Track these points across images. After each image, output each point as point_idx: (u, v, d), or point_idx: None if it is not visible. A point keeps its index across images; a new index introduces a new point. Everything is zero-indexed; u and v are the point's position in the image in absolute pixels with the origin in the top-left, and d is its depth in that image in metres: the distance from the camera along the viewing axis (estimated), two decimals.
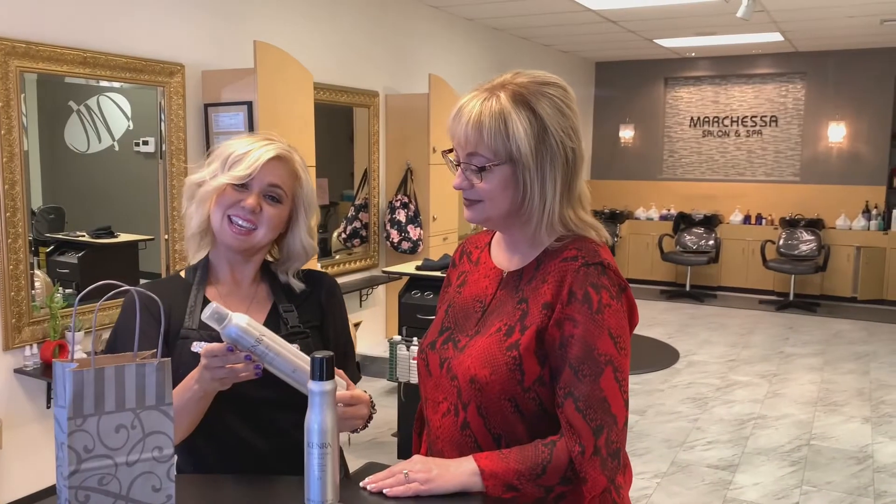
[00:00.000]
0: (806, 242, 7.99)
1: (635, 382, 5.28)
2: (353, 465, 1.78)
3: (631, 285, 6.38)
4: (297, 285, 1.50)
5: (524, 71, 1.27)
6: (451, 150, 1.30)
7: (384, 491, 1.15)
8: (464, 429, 1.26)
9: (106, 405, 1.02)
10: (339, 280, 5.04)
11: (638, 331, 6.70)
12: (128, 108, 3.79)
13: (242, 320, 1.20)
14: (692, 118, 9.09)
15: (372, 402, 1.40)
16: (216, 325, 1.19)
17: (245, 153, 1.38)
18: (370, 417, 1.39)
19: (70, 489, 0.99)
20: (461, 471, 1.18)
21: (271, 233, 1.43)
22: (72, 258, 3.72)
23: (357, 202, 5.33)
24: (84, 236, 3.81)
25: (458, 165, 1.27)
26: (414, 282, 3.93)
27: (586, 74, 9.30)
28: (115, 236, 3.92)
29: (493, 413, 1.23)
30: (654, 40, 7.61)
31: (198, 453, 1.43)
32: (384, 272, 4.68)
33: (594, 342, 1.19)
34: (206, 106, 3.93)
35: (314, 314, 1.50)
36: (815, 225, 8.01)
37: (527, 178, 1.22)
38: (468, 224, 5.98)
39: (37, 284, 3.27)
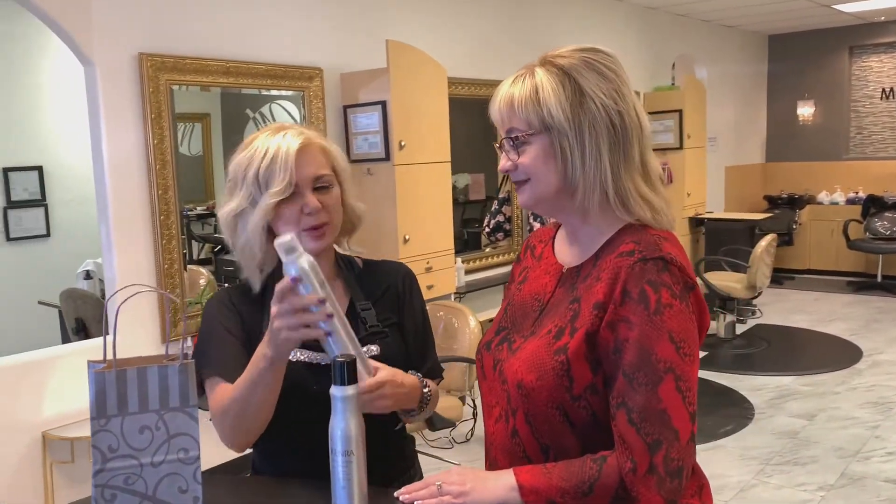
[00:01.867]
0: None
1: (805, 384, 4.82)
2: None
3: (811, 277, 5.87)
4: (359, 251, 1.48)
5: (563, 46, 1.18)
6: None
7: (416, 503, 1.09)
8: (513, 436, 1.18)
9: (129, 406, 1.04)
10: (485, 274, 5.03)
11: (813, 326, 6.14)
12: (295, 113, 3.99)
13: (306, 261, 1.12)
14: (884, 90, 8.15)
15: (423, 381, 1.35)
16: (283, 255, 1.12)
17: (270, 162, 1.31)
18: (425, 399, 1.34)
19: (97, 487, 1.03)
20: (499, 485, 1.09)
21: (339, 218, 1.40)
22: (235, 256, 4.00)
23: (500, 196, 5.28)
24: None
25: (502, 148, 1.20)
26: None
27: (758, 49, 8.62)
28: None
29: (540, 422, 1.14)
30: (834, 6, 6.89)
31: (278, 457, 1.42)
32: None
33: (652, 347, 1.06)
34: (345, 108, 4.04)
35: (392, 309, 1.46)
36: None
37: (566, 146, 1.13)
38: None
39: (185, 282, 3.53)
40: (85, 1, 3.08)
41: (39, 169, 5.22)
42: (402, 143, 3.85)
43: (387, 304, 1.46)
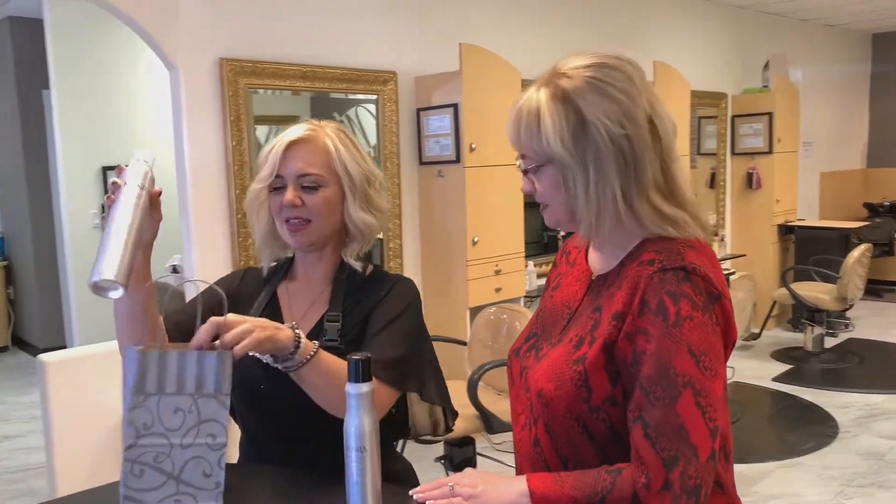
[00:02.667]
0: None
1: None
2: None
3: None
4: (356, 265, 1.42)
5: (581, 54, 1.14)
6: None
7: (428, 502, 1.10)
8: (535, 445, 1.17)
9: (167, 387, 1.09)
10: None
11: None
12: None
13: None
14: None
15: (295, 331, 1.20)
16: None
17: (268, 151, 1.37)
18: (298, 348, 1.20)
19: (127, 462, 1.09)
20: (510, 490, 1.09)
21: (326, 221, 1.37)
22: None
23: None
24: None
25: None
26: None
27: (860, 49, 8.18)
28: None
29: (558, 432, 1.13)
30: None
31: (257, 443, 1.45)
32: None
33: (670, 360, 1.03)
34: (419, 110, 4.09)
35: (360, 318, 1.39)
36: None
37: (569, 177, 1.10)
38: None
39: None
40: (172, 9, 3.24)
41: None
42: (473, 146, 3.86)
43: (358, 313, 1.39)
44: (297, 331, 1.21)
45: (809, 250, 6.22)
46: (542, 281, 4.78)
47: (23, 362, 5.96)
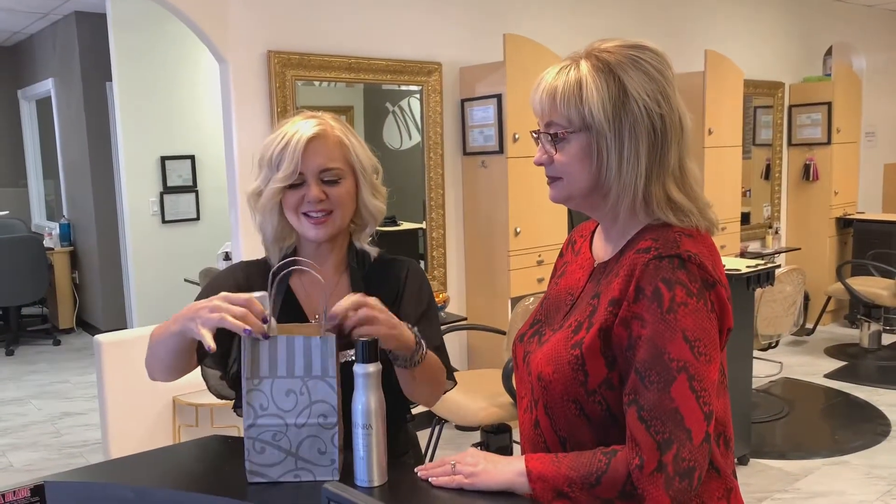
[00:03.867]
0: None
1: None
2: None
3: None
4: (372, 250, 1.49)
5: (612, 38, 1.17)
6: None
7: (430, 479, 1.15)
8: (535, 427, 1.21)
9: (279, 370, 1.17)
10: None
11: None
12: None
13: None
14: None
15: (415, 333, 1.29)
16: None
17: (283, 148, 1.36)
18: (418, 352, 1.29)
19: (249, 439, 1.17)
20: (509, 469, 1.13)
21: (346, 212, 1.42)
22: None
23: None
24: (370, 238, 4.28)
25: (539, 139, 1.21)
26: None
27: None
28: (398, 225, 4.31)
29: (558, 414, 1.16)
30: None
31: None
32: None
33: (664, 345, 1.05)
34: (463, 101, 4.12)
35: (389, 305, 1.39)
36: None
37: (603, 148, 1.12)
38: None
39: None
40: (221, 3, 3.35)
41: (192, 158, 5.71)
42: (517, 136, 3.88)
43: (386, 299, 1.40)
44: (415, 331, 1.29)
45: (868, 244, 6.04)
46: None
47: (87, 343, 6.24)
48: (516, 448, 3.28)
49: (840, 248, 6.27)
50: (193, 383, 3.35)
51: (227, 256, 4.80)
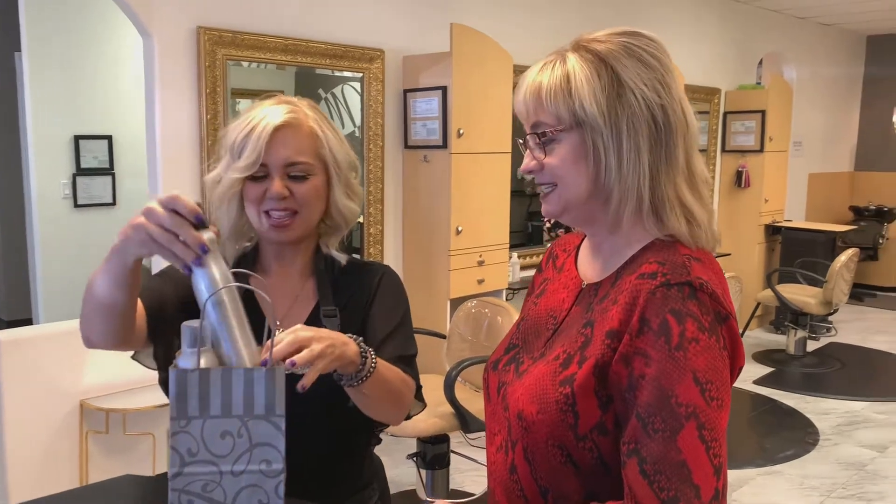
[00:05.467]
0: None
1: (878, 411, 4.49)
2: None
3: (895, 295, 5.33)
4: (339, 257, 1.33)
5: (604, 29, 1.03)
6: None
7: None
8: (511, 472, 1.04)
9: (211, 409, 0.96)
10: None
11: (894, 349, 5.73)
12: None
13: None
14: None
15: (360, 344, 1.13)
16: (189, 346, 0.98)
17: (247, 135, 1.20)
18: (365, 367, 1.14)
19: (174, 492, 0.95)
20: None
21: (314, 211, 1.26)
22: None
23: None
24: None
25: (526, 145, 1.05)
26: None
27: (854, 50, 8.10)
28: None
29: (539, 460, 1.00)
30: None
31: None
32: None
33: (672, 387, 0.90)
34: (405, 91, 3.94)
35: (359, 313, 1.31)
36: None
37: (599, 144, 0.97)
38: None
39: None
40: None
41: (109, 138, 5.32)
42: (461, 131, 3.72)
43: (355, 308, 1.32)
44: (360, 342, 1.14)
45: (795, 252, 6.15)
46: (526, 274, 4.67)
47: None
48: (454, 458, 3.13)
49: (768, 255, 6.38)
50: (103, 385, 3.08)
51: None
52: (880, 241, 7.65)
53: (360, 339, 1.15)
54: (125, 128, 5.29)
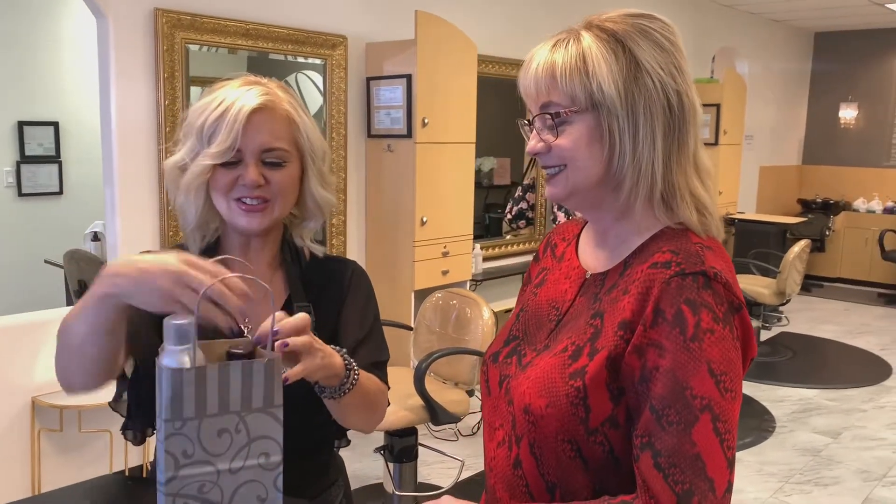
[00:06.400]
0: None
1: (830, 398, 4.61)
2: None
3: (842, 286, 5.55)
4: (317, 249, 1.27)
5: (614, 9, 1.00)
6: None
7: None
8: (516, 467, 1.01)
9: (208, 408, 0.90)
10: (503, 262, 4.85)
11: (841, 338, 5.90)
12: (322, 85, 3.83)
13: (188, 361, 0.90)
14: None
15: (344, 356, 1.08)
16: (168, 340, 0.90)
17: (219, 116, 1.12)
18: (349, 380, 1.09)
19: (167, 496, 0.89)
20: None
21: (288, 201, 1.19)
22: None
23: (525, 182, 5.09)
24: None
25: (532, 126, 1.01)
26: None
27: (803, 47, 8.30)
28: None
29: (547, 455, 0.97)
30: (887, 5, 6.57)
31: None
32: None
33: (687, 379, 0.88)
34: (368, 79, 3.87)
35: (332, 311, 1.26)
36: None
37: (614, 127, 0.94)
38: None
39: None
40: None
41: (55, 125, 5.11)
42: (426, 121, 3.67)
43: (328, 305, 1.26)
44: (344, 354, 1.09)
45: (748, 243, 6.28)
46: (489, 265, 4.65)
47: None
48: (422, 451, 3.10)
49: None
50: (56, 380, 2.95)
51: (96, 237, 4.32)
52: (827, 232, 7.87)
53: (344, 350, 1.10)
54: (72, 114, 5.09)
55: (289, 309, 1.21)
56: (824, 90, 8.38)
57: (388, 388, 1.29)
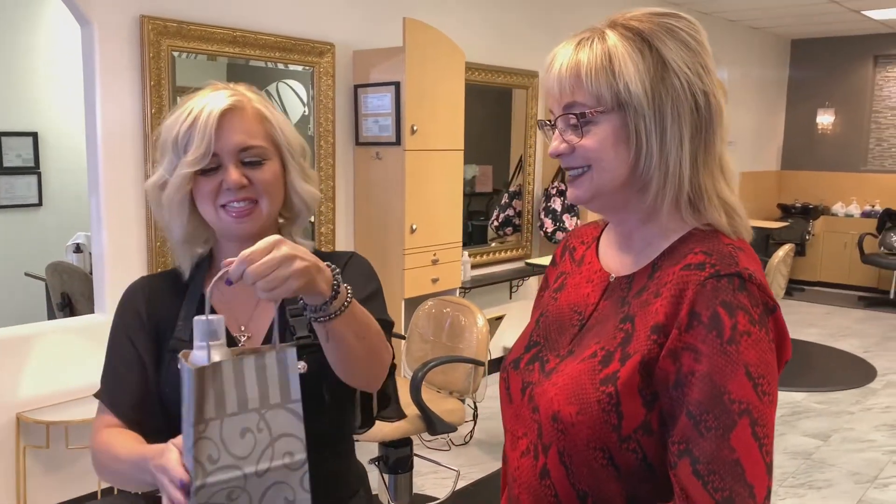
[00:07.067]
0: None
1: (818, 401, 4.64)
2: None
3: (822, 289, 5.59)
4: (305, 244, 1.22)
5: (638, 7, 0.99)
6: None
7: None
8: (543, 477, 0.98)
9: (227, 406, 0.87)
10: (490, 270, 4.84)
11: (825, 341, 5.95)
12: (304, 95, 3.80)
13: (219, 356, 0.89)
14: None
15: (335, 274, 0.99)
16: (197, 336, 0.89)
17: (190, 125, 1.11)
18: (338, 293, 0.99)
19: None
20: None
21: (275, 199, 1.17)
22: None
23: (511, 189, 5.09)
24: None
25: (554, 127, 0.99)
26: None
27: (780, 53, 8.41)
28: None
29: (578, 464, 0.94)
30: (863, 11, 6.67)
31: None
32: (528, 264, 4.40)
33: (724, 383, 0.86)
34: (356, 87, 3.84)
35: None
36: None
37: (641, 128, 0.93)
38: None
39: None
40: None
41: (34, 135, 5.02)
42: (415, 128, 3.65)
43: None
44: (336, 272, 0.99)
45: None
46: (477, 272, 4.63)
47: None
48: (417, 462, 3.06)
49: None
50: (43, 396, 2.88)
51: (78, 248, 4.25)
52: (807, 237, 7.95)
53: (337, 269, 1.00)
54: (52, 124, 5.00)
55: (281, 315, 1.18)
56: (802, 96, 8.49)
57: (393, 351, 1.22)
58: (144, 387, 1.18)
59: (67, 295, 3.76)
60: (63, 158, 5.02)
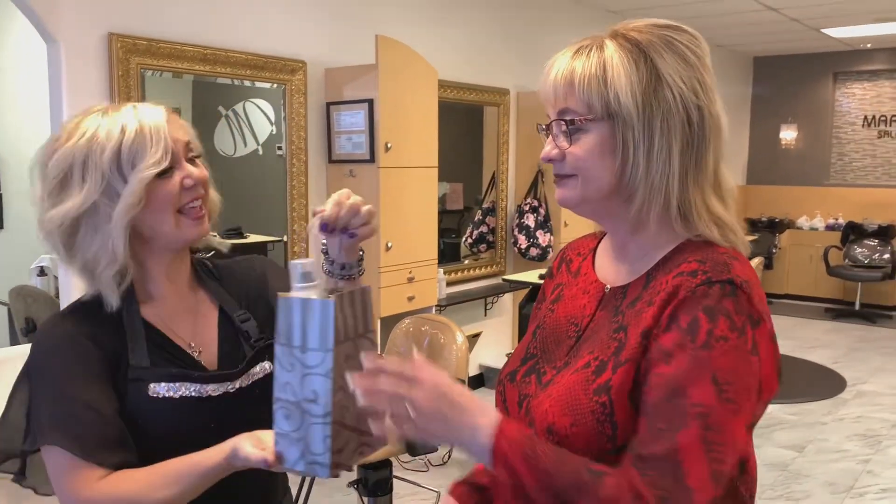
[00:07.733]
0: None
1: (791, 413, 4.68)
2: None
3: (789, 302, 5.65)
4: (222, 244, 1.25)
5: (642, 18, 0.98)
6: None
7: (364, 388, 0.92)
8: None
9: (342, 334, 0.97)
10: (464, 287, 4.81)
11: (795, 353, 6.02)
12: (271, 114, 3.76)
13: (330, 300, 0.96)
14: (866, 117, 8.14)
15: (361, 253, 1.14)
16: (301, 282, 0.95)
17: (135, 136, 1.07)
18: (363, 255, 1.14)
19: (334, 425, 0.94)
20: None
21: (214, 198, 1.19)
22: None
23: (484, 206, 5.08)
24: (216, 236, 3.84)
25: (548, 131, 0.99)
26: (536, 291, 3.62)
27: (743, 70, 8.58)
28: (245, 237, 3.90)
29: None
30: (822, 30, 6.84)
31: None
32: (504, 280, 4.39)
33: (685, 386, 0.86)
34: (329, 104, 3.81)
35: (264, 303, 1.23)
36: None
37: (629, 139, 0.92)
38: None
39: None
40: None
41: None
42: (389, 145, 3.63)
43: (259, 300, 1.24)
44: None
45: None
46: (452, 290, 4.61)
47: None
48: (396, 484, 3.01)
49: None
50: None
51: (42, 272, 4.14)
52: (774, 250, 8.07)
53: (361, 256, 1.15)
54: (12, 145, 4.89)
55: (227, 323, 1.20)
56: (765, 112, 8.65)
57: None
58: (121, 420, 1.10)
59: (32, 320, 3.65)
60: (25, 180, 4.85)
